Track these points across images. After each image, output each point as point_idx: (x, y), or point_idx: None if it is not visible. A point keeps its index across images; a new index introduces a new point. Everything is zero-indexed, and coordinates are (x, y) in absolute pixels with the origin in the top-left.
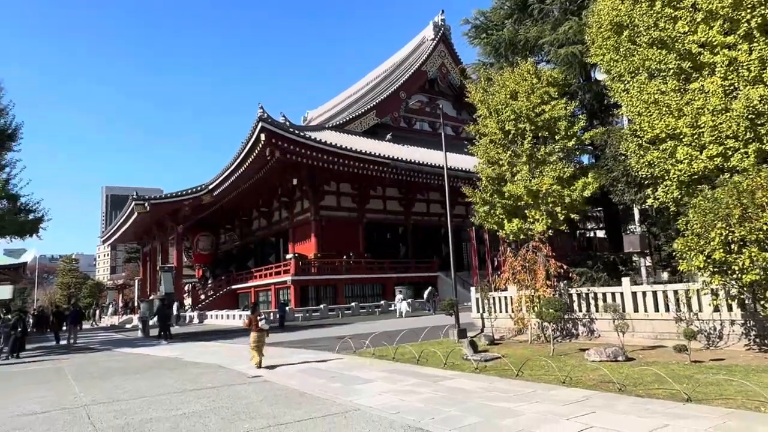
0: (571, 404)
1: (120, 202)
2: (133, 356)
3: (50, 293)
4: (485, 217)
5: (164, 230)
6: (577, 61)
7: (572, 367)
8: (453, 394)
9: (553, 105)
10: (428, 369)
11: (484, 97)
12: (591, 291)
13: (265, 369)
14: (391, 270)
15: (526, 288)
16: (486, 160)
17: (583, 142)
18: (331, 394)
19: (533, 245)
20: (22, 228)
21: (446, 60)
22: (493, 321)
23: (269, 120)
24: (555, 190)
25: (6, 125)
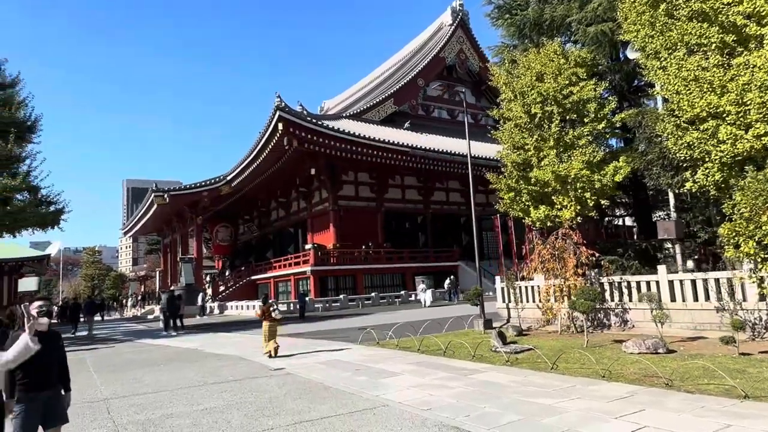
0: (616, 401)
1: (140, 195)
2: (154, 347)
3: (75, 285)
4: (510, 204)
5: (184, 222)
6: (606, 40)
7: (610, 360)
8: (486, 389)
9: (582, 86)
10: (456, 361)
11: (508, 80)
12: (624, 279)
13: (286, 360)
14: (411, 259)
15: (555, 277)
16: (511, 145)
17: (613, 124)
18: (357, 388)
19: (562, 232)
20: (44, 220)
21: (465, 46)
22: (520, 311)
23: (286, 109)
24: (584, 174)
25: (26, 117)
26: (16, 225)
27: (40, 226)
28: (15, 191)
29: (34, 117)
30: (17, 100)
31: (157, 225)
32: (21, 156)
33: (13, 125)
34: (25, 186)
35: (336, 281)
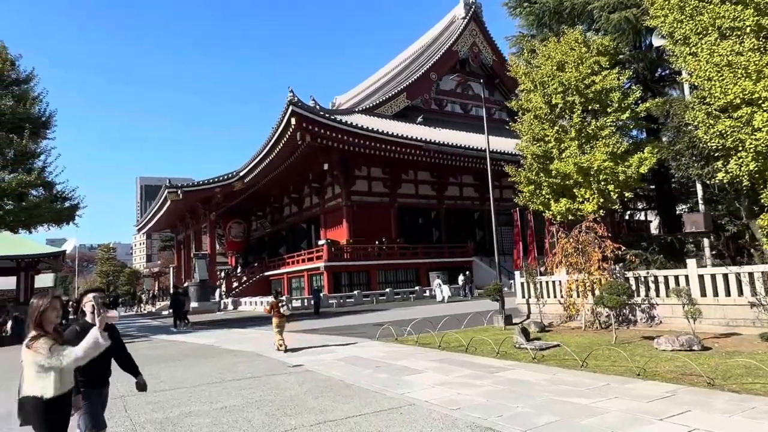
0: (657, 401)
1: (153, 192)
2: (169, 343)
3: (90, 281)
4: (530, 198)
5: (197, 218)
6: (630, 27)
7: (642, 358)
8: (516, 387)
9: (604, 75)
10: (480, 358)
11: (528, 70)
12: (650, 274)
13: (304, 357)
14: (425, 255)
15: (579, 272)
16: (531, 136)
17: (638, 114)
18: (380, 386)
19: (586, 225)
20: (59, 216)
21: (478, 39)
22: (542, 307)
23: (299, 104)
24: (608, 166)
25: (40, 113)
26: (31, 221)
27: (55, 222)
28: (30, 187)
29: (49, 113)
30: (32, 96)
31: (170, 221)
32: (36, 152)
33: (28, 121)
34: (40, 182)
35: (350, 277)
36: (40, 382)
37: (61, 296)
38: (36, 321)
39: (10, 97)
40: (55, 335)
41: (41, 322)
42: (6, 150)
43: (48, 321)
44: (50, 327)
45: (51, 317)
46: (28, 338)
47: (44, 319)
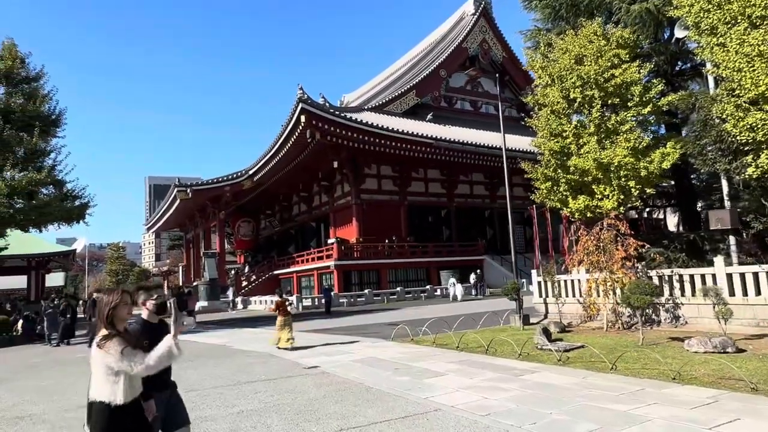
0: (700, 407)
1: (162, 192)
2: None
3: (100, 280)
4: (547, 195)
5: (206, 217)
6: (651, 19)
7: (674, 360)
8: (545, 392)
9: (624, 69)
10: (502, 360)
11: (545, 64)
12: (675, 273)
13: (319, 358)
14: (435, 254)
15: (600, 270)
16: (548, 132)
17: (659, 108)
18: (402, 390)
19: (608, 223)
20: (69, 214)
21: (487, 35)
22: (560, 306)
23: (309, 101)
24: (629, 162)
25: (50, 111)
26: (41, 219)
27: (65, 220)
28: (40, 185)
29: (58, 111)
30: (41, 94)
31: (179, 220)
32: (46, 150)
33: (38, 119)
34: (50, 180)
35: (360, 276)
36: (109, 386)
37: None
38: (107, 318)
39: (20, 94)
40: (127, 335)
41: (112, 320)
42: (16, 148)
43: (120, 318)
44: (122, 325)
45: (123, 314)
46: (98, 336)
47: (116, 316)
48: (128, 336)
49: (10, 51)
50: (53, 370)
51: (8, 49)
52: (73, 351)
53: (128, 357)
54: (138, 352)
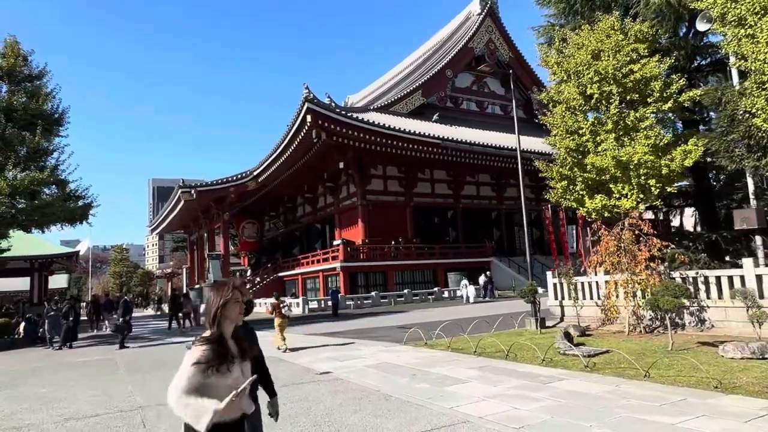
0: (754, 419)
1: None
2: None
3: (104, 282)
4: (563, 194)
5: (210, 218)
6: (671, 12)
7: (710, 367)
8: (579, 401)
9: (643, 64)
10: (524, 366)
11: (560, 60)
12: (700, 274)
13: (331, 363)
14: (442, 255)
15: (621, 272)
16: (563, 129)
17: (681, 104)
18: (423, 399)
19: (629, 222)
20: (72, 215)
21: (494, 35)
22: (579, 309)
23: (315, 101)
24: (648, 160)
25: (53, 109)
26: (44, 220)
27: (68, 221)
28: (43, 185)
29: (62, 109)
30: (44, 92)
31: (183, 222)
32: (48, 149)
33: (41, 117)
34: (52, 179)
35: (366, 278)
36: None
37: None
38: (214, 318)
39: (23, 92)
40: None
41: (220, 320)
42: (18, 147)
43: (229, 318)
44: (230, 327)
45: (233, 313)
46: (198, 337)
47: (224, 316)
48: (225, 346)
49: (12, 48)
50: (54, 375)
51: (10, 46)
52: (74, 354)
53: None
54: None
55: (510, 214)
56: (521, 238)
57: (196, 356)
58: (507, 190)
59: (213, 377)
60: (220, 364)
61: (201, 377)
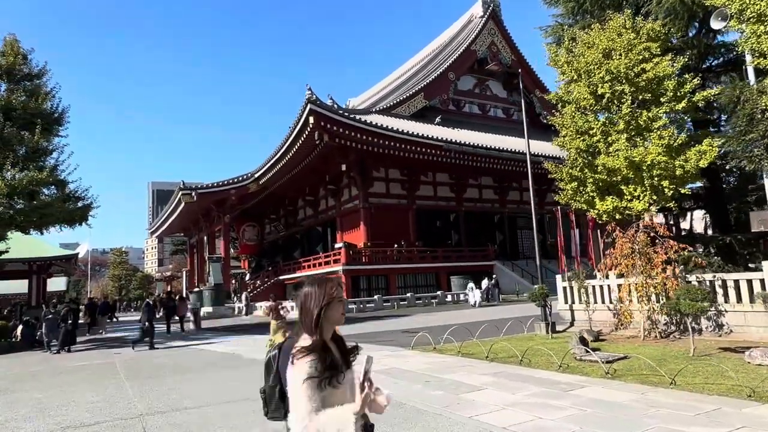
0: None
1: (165, 197)
2: (186, 350)
3: (102, 285)
4: (573, 196)
5: (210, 221)
6: (684, 10)
7: (738, 374)
8: (606, 411)
9: (656, 63)
10: (540, 372)
11: (570, 59)
12: (717, 278)
13: None
14: (445, 259)
15: (636, 275)
16: (573, 130)
17: (695, 104)
18: (440, 407)
19: (644, 224)
20: (72, 216)
21: (496, 38)
22: (591, 313)
23: (318, 102)
24: (662, 160)
25: (52, 108)
26: (43, 221)
27: (67, 222)
28: (42, 185)
29: (61, 108)
30: (44, 91)
31: (183, 224)
32: (48, 149)
33: (40, 116)
34: (52, 180)
35: (368, 281)
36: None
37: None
38: (314, 320)
39: (22, 91)
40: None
41: (321, 324)
42: (17, 147)
43: (331, 322)
44: (330, 331)
45: (336, 315)
46: (297, 347)
47: (327, 319)
48: (332, 354)
49: (12, 47)
50: (51, 380)
51: (10, 44)
52: (72, 359)
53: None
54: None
55: (513, 218)
56: (524, 242)
57: (306, 370)
58: (509, 193)
59: (326, 391)
60: (332, 375)
61: (318, 393)
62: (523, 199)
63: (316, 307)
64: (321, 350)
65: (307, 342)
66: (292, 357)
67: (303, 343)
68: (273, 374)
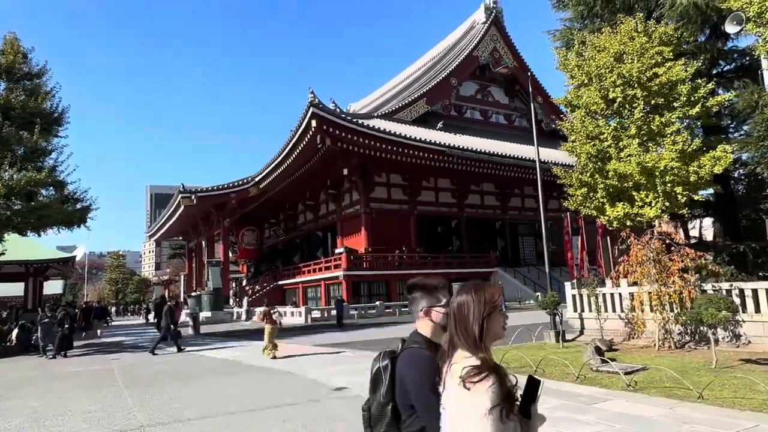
0: None
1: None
2: (185, 357)
3: (99, 288)
4: (583, 202)
5: (210, 225)
6: (698, 14)
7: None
8: (635, 427)
9: (669, 67)
10: (557, 384)
11: (580, 62)
12: (734, 287)
13: (345, 378)
14: (446, 265)
15: (650, 283)
16: (584, 134)
17: (709, 109)
18: None
19: (659, 231)
20: (70, 218)
21: (498, 44)
22: (602, 322)
23: (320, 105)
24: (675, 166)
25: (52, 108)
26: (40, 222)
27: (65, 224)
28: (40, 185)
29: (61, 108)
30: (44, 91)
31: (182, 228)
32: (47, 149)
33: (39, 116)
34: (50, 180)
35: (369, 287)
36: None
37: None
38: (478, 335)
39: (21, 91)
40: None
41: (483, 338)
42: (15, 146)
43: (493, 336)
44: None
45: (497, 329)
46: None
47: (490, 332)
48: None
49: (12, 45)
50: (47, 387)
51: (10, 43)
52: (69, 364)
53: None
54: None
55: (514, 224)
56: (525, 249)
57: (489, 398)
58: (511, 199)
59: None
60: (512, 403)
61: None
62: (524, 206)
63: (477, 320)
64: (499, 373)
65: (473, 360)
66: (464, 380)
67: (468, 360)
68: (385, 389)
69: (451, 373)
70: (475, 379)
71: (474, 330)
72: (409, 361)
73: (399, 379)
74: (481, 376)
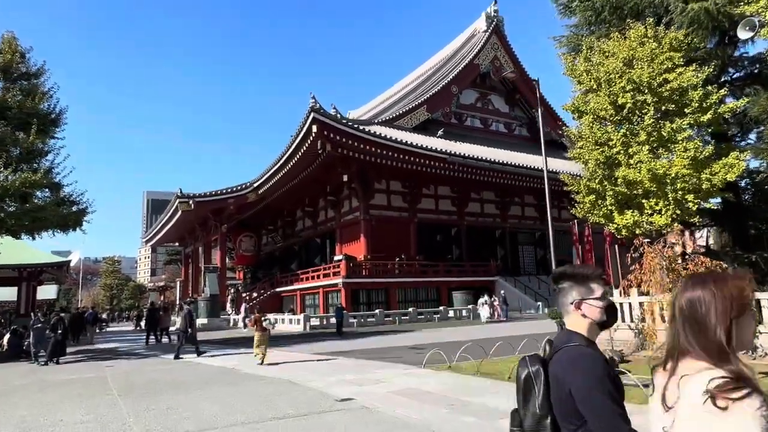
0: None
1: (160, 207)
2: (183, 365)
3: (94, 294)
4: (590, 209)
5: (207, 230)
6: (709, 19)
7: None
8: None
9: (680, 73)
10: None
11: (588, 67)
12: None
13: (349, 388)
14: (446, 273)
15: (663, 292)
16: (592, 141)
17: (720, 116)
18: None
19: (671, 239)
20: (65, 220)
21: (499, 53)
22: (612, 333)
23: (321, 111)
24: (686, 173)
25: (49, 109)
26: (35, 225)
27: (61, 227)
28: (35, 187)
29: (59, 109)
30: (41, 91)
31: (179, 233)
32: (43, 150)
33: (36, 116)
34: (46, 182)
35: (368, 295)
36: None
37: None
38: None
39: (18, 90)
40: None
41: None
42: (11, 147)
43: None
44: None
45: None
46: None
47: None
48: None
49: (9, 44)
50: (38, 395)
51: (8, 42)
52: (61, 371)
53: None
54: None
55: (514, 233)
56: (525, 258)
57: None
58: (511, 208)
59: None
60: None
61: None
62: (524, 215)
63: (723, 323)
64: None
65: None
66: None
67: (714, 373)
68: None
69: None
70: (735, 395)
71: (719, 336)
72: (569, 362)
73: (557, 384)
74: (742, 392)
